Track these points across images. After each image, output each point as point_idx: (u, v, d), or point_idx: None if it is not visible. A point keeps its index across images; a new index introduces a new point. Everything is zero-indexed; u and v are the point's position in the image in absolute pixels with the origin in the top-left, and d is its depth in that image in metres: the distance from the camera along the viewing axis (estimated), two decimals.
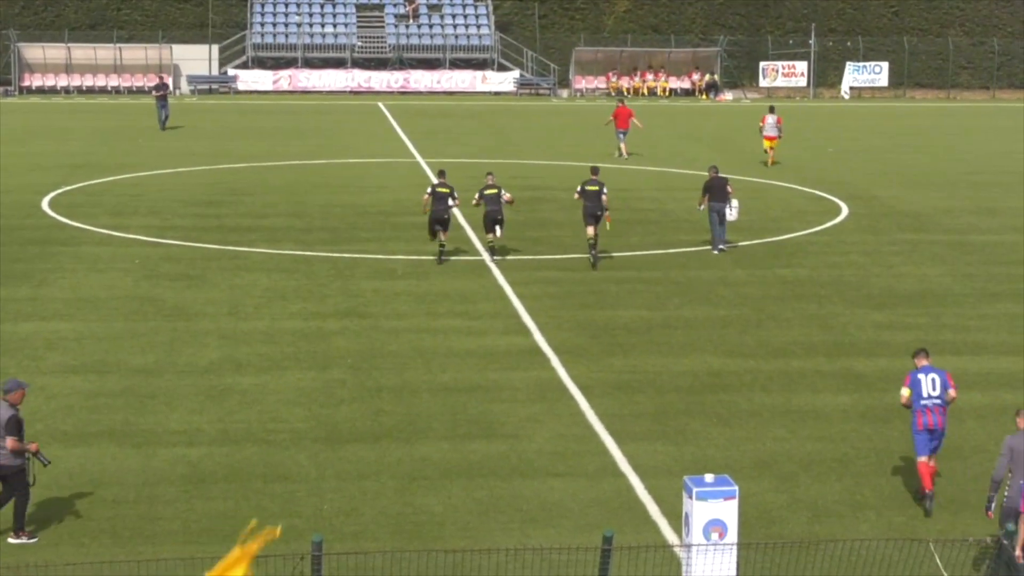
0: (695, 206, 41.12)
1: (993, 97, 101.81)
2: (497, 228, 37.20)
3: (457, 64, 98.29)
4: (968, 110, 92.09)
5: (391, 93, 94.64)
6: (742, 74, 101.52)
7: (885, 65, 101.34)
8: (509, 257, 37.89)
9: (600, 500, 20.61)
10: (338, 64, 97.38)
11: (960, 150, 66.62)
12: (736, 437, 23.52)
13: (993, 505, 18.02)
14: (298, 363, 27.55)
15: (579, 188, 37.20)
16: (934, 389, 20.44)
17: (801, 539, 18.79)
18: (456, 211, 38.80)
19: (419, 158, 48.01)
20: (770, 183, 53.18)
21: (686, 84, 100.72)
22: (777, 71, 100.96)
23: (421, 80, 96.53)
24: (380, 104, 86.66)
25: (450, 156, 56.71)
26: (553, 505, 20.40)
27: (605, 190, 36.82)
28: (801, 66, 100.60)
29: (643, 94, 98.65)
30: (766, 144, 59.13)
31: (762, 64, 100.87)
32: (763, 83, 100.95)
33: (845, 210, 47.00)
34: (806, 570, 17.39)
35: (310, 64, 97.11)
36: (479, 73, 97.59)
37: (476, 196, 37.42)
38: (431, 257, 37.29)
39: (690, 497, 16.99)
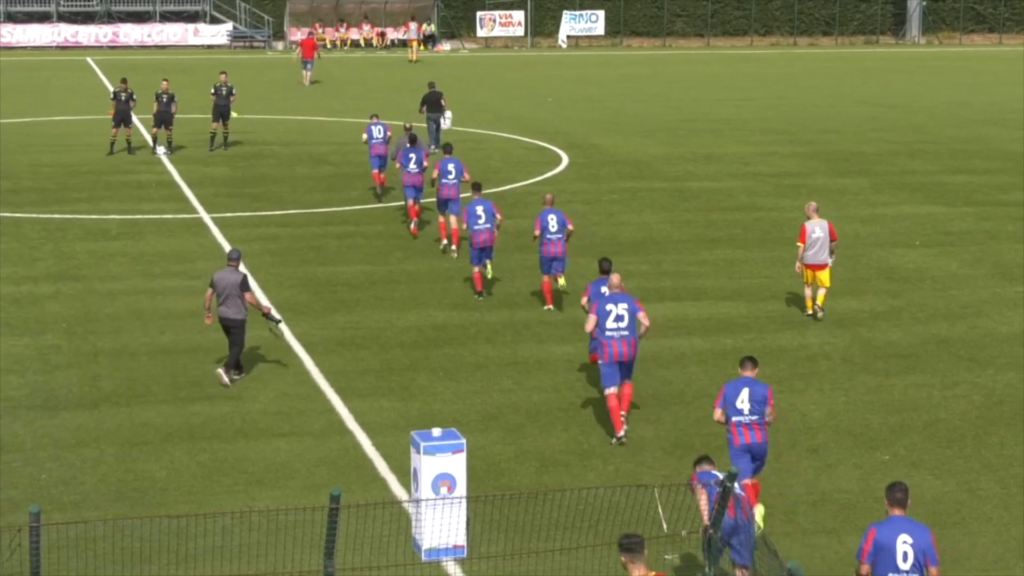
0: None
1: (708, 45, 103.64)
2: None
3: (168, 17, 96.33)
4: (683, 58, 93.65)
5: (100, 48, 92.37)
6: (459, 24, 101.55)
7: (601, 14, 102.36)
8: (228, 214, 37.30)
9: (327, 459, 20.36)
10: (43, 18, 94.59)
11: (676, 98, 67.68)
12: (462, 391, 23.46)
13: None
14: (10, 329, 26.66)
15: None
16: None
17: (529, 490, 18.81)
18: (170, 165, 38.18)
19: (131, 115, 46.86)
20: (490, 134, 53.30)
21: (402, 35, 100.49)
22: (495, 21, 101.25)
23: (131, 34, 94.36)
24: (89, 59, 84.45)
25: None
26: (279, 466, 20.09)
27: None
28: (518, 15, 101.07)
29: (360, 44, 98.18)
30: (414, 44, 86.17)
31: (479, 14, 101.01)
32: (481, 33, 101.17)
33: (565, 159, 47.35)
34: (535, 520, 17.41)
35: (12, 19, 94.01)
36: (191, 26, 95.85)
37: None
38: (146, 216, 36.61)
39: (418, 452, 16.89)
